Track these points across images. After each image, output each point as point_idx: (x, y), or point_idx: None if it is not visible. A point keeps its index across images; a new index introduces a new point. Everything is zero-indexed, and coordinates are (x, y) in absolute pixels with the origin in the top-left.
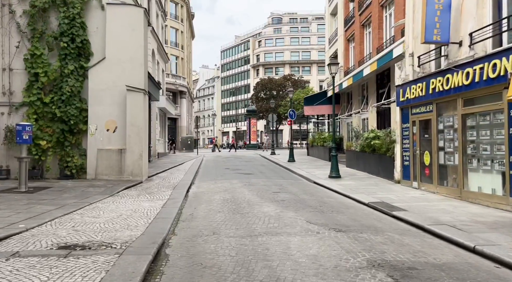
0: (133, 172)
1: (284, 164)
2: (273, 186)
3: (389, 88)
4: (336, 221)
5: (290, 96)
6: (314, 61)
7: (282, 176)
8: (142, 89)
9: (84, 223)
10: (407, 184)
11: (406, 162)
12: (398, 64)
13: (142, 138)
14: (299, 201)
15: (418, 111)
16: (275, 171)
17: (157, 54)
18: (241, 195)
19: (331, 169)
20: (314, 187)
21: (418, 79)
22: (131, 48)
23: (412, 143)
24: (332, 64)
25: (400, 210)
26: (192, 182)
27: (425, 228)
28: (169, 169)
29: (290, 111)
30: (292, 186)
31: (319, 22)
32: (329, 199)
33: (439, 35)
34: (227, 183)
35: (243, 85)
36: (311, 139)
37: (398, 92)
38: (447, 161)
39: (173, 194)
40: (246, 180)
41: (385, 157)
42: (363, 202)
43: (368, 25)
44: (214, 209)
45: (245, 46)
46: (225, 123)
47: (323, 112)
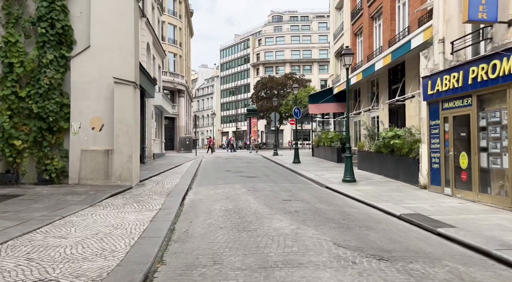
0: (122, 176)
1: (289, 165)
2: (281, 192)
3: (404, 83)
4: (371, 243)
5: (295, 92)
6: (315, 60)
7: (289, 180)
8: (132, 82)
9: (45, 248)
10: (437, 190)
11: (435, 164)
12: (424, 53)
13: (132, 138)
14: (316, 212)
15: (452, 105)
16: (281, 174)
17: (153, 49)
18: (246, 204)
19: (345, 172)
20: (328, 193)
21: (452, 68)
22: (120, 36)
23: (444, 142)
24: (346, 54)
25: (445, 225)
26: (189, 187)
27: (492, 254)
28: (164, 172)
29: (295, 109)
30: (303, 192)
31: (320, 20)
32: (351, 210)
33: (485, 13)
34: (229, 188)
35: (243, 84)
36: (316, 139)
37: (425, 84)
38: (491, 164)
39: (166, 203)
40: (250, 184)
41: (406, 158)
42: (394, 214)
43: (378, 17)
44: (214, 223)
45: (245, 44)
46: (224, 123)
47: (328, 110)
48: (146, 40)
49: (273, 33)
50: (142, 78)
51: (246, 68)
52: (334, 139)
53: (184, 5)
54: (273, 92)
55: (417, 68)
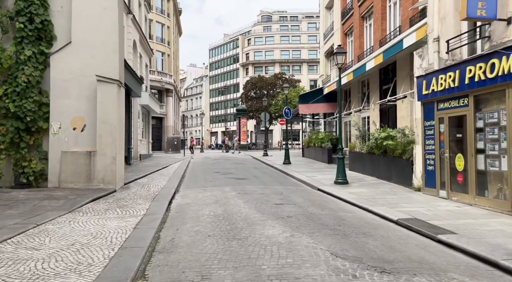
0: (105, 179)
1: (279, 166)
2: (272, 195)
3: (395, 83)
4: (370, 253)
5: (285, 92)
6: (305, 60)
7: (280, 182)
8: (116, 80)
9: (14, 261)
10: (432, 193)
11: (430, 166)
12: (418, 52)
13: (116, 138)
14: (309, 217)
15: (448, 105)
16: (271, 176)
17: (140, 47)
18: (236, 208)
19: (337, 174)
20: (321, 196)
21: (448, 67)
22: (103, 31)
23: (439, 144)
24: (338, 53)
25: (445, 231)
26: (176, 190)
27: (500, 264)
28: (150, 174)
29: (286, 109)
30: (295, 194)
31: (309, 20)
32: (345, 214)
33: (484, 10)
34: (218, 191)
35: (232, 84)
36: (306, 140)
37: (420, 84)
38: (489, 166)
39: (152, 208)
40: (240, 187)
41: (400, 160)
42: (391, 219)
43: (369, 17)
44: (202, 231)
45: (234, 44)
46: (213, 123)
47: (319, 110)
48: (132, 38)
49: (263, 33)
50: (127, 77)
51: (236, 68)
52: (325, 140)
53: (173, 4)
54: (262, 92)
55: (408, 68)
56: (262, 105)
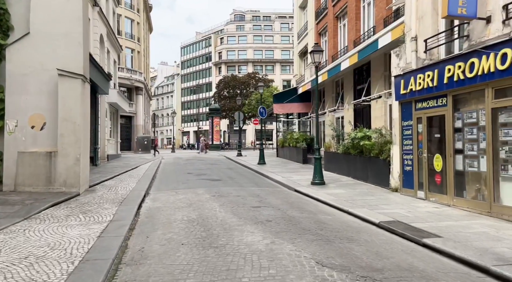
0: (67, 181)
1: (254, 167)
2: (249, 197)
3: (369, 84)
4: (357, 260)
5: (260, 91)
6: (278, 60)
7: (256, 183)
8: (80, 75)
9: None
10: (410, 194)
11: (407, 167)
12: (395, 51)
13: (79, 138)
14: (289, 220)
15: (426, 105)
16: (247, 176)
17: (107, 41)
18: (211, 212)
19: (314, 174)
20: (299, 197)
21: (426, 66)
22: (66, 21)
23: (417, 144)
24: (315, 51)
25: (430, 235)
26: (146, 192)
27: (491, 270)
28: (118, 175)
29: (261, 108)
30: (272, 196)
31: (282, 21)
32: (325, 217)
33: (464, 8)
34: (191, 194)
35: (205, 83)
36: (281, 140)
37: (398, 83)
38: (468, 166)
39: (119, 213)
40: (215, 189)
41: (376, 160)
42: (373, 222)
43: (343, 17)
44: (175, 238)
45: (207, 42)
46: (185, 122)
47: (293, 110)
48: (99, 32)
49: (236, 32)
50: (94, 72)
51: (208, 67)
52: (300, 140)
53: None
54: (235, 92)
55: (382, 68)
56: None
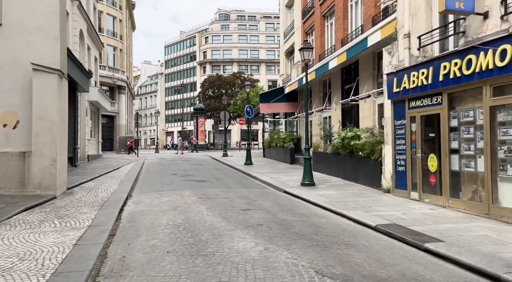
0: (43, 183)
1: (241, 167)
2: (237, 199)
3: (358, 83)
4: (359, 268)
5: (246, 90)
6: (263, 60)
7: (244, 184)
8: (56, 70)
9: None
10: (403, 195)
11: (400, 167)
12: (387, 49)
13: (56, 137)
14: (282, 224)
15: (420, 104)
16: (234, 177)
17: (88, 38)
18: (198, 216)
19: (304, 175)
20: (289, 199)
21: (420, 64)
22: (41, 14)
23: (410, 144)
24: (305, 49)
25: (431, 239)
26: (129, 194)
27: (502, 279)
28: (99, 177)
29: (248, 108)
30: (262, 198)
31: (267, 21)
32: (319, 220)
33: (462, 3)
34: (177, 196)
35: (189, 82)
36: (268, 140)
37: (390, 81)
38: (464, 167)
39: (99, 218)
40: (201, 190)
41: (367, 160)
42: (369, 225)
43: (330, 16)
44: (160, 246)
45: (191, 42)
46: (169, 122)
47: (280, 110)
48: (78, 27)
49: (220, 32)
50: (73, 68)
51: (193, 66)
52: (287, 140)
53: None
54: (221, 91)
55: (371, 67)
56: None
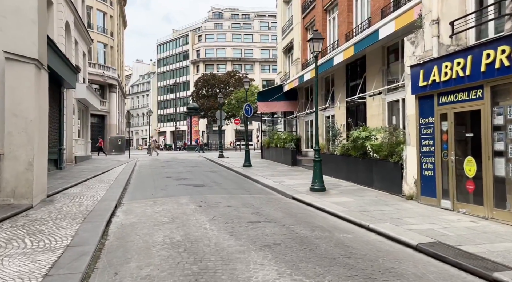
0: (17, 191)
1: (240, 169)
2: (242, 207)
3: (365, 79)
4: None
5: (245, 87)
6: (257, 59)
7: (246, 189)
8: (33, 59)
9: None
10: (431, 203)
11: (427, 171)
12: (410, 38)
13: (33, 137)
14: (303, 243)
15: (454, 99)
16: (234, 181)
17: (75, 31)
18: (200, 231)
19: (314, 179)
20: (301, 207)
21: (455, 53)
22: None
23: (440, 144)
24: (315, 39)
25: (497, 266)
26: (118, 202)
27: None
28: (86, 180)
29: (246, 106)
30: (269, 206)
31: (262, 19)
32: (345, 237)
33: None
34: (173, 204)
35: (182, 81)
36: (266, 140)
37: (415, 74)
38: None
39: (80, 234)
40: (200, 196)
41: (385, 163)
42: (409, 244)
43: (333, 9)
44: (156, 276)
45: (184, 40)
46: (162, 122)
47: (278, 109)
48: (64, 18)
49: (214, 30)
50: (57, 62)
51: (185, 65)
52: (288, 140)
53: None
54: (215, 90)
55: (380, 62)
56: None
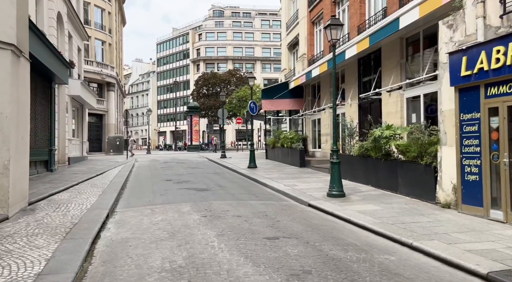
0: None
1: (245, 171)
2: (254, 218)
3: (380, 74)
4: None
5: (250, 84)
6: (258, 58)
7: (254, 193)
8: (9, 44)
9: None
10: (476, 213)
11: (471, 175)
12: (445, 21)
13: (9, 136)
14: (339, 269)
15: (507, 90)
16: (240, 184)
17: (68, 23)
18: (207, 250)
19: (332, 184)
20: (322, 218)
21: (508, 35)
22: None
23: (489, 144)
24: (333, 26)
25: None
26: (111, 210)
27: None
28: (77, 184)
29: (251, 103)
30: (285, 215)
31: (263, 17)
32: (388, 260)
33: None
34: (173, 213)
35: (182, 81)
36: (271, 140)
37: (456, 62)
38: None
39: (57, 257)
40: (204, 204)
41: (413, 165)
42: (476, 272)
43: (342, 1)
44: None
45: (184, 39)
46: (161, 121)
47: (284, 107)
48: (55, 8)
49: (214, 28)
50: (46, 54)
51: (186, 64)
52: (295, 139)
53: None
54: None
55: (398, 55)
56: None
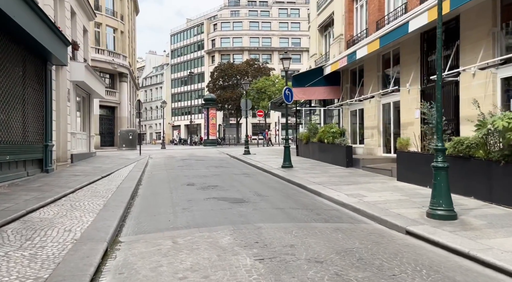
0: None
1: (280, 172)
2: (345, 266)
3: (458, 49)
4: None
5: (285, 66)
6: (276, 49)
7: (308, 207)
8: None
9: None
10: None
11: None
12: None
13: None
14: None
15: None
16: (282, 191)
17: None
18: None
19: (437, 198)
20: (445, 258)
21: None
22: None
23: None
24: None
25: None
26: (111, 241)
27: None
28: (74, 192)
29: (286, 90)
30: (390, 258)
31: (280, 6)
32: None
33: None
34: (208, 250)
35: (197, 73)
36: (305, 134)
37: None
38: None
39: None
40: (249, 229)
41: None
42: None
43: None
44: None
45: (199, 29)
46: (176, 115)
47: (317, 96)
48: None
49: (230, 18)
50: (35, 23)
51: (200, 55)
52: (338, 134)
53: None
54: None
55: (488, 23)
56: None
